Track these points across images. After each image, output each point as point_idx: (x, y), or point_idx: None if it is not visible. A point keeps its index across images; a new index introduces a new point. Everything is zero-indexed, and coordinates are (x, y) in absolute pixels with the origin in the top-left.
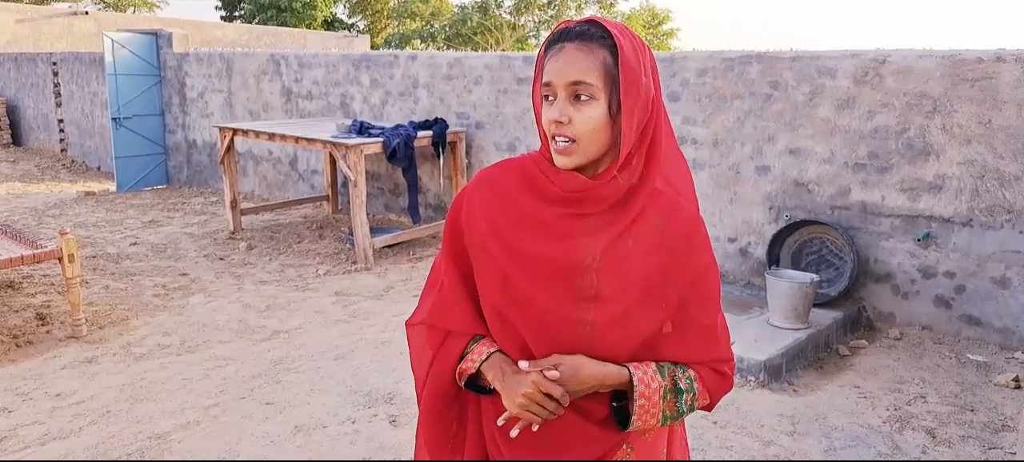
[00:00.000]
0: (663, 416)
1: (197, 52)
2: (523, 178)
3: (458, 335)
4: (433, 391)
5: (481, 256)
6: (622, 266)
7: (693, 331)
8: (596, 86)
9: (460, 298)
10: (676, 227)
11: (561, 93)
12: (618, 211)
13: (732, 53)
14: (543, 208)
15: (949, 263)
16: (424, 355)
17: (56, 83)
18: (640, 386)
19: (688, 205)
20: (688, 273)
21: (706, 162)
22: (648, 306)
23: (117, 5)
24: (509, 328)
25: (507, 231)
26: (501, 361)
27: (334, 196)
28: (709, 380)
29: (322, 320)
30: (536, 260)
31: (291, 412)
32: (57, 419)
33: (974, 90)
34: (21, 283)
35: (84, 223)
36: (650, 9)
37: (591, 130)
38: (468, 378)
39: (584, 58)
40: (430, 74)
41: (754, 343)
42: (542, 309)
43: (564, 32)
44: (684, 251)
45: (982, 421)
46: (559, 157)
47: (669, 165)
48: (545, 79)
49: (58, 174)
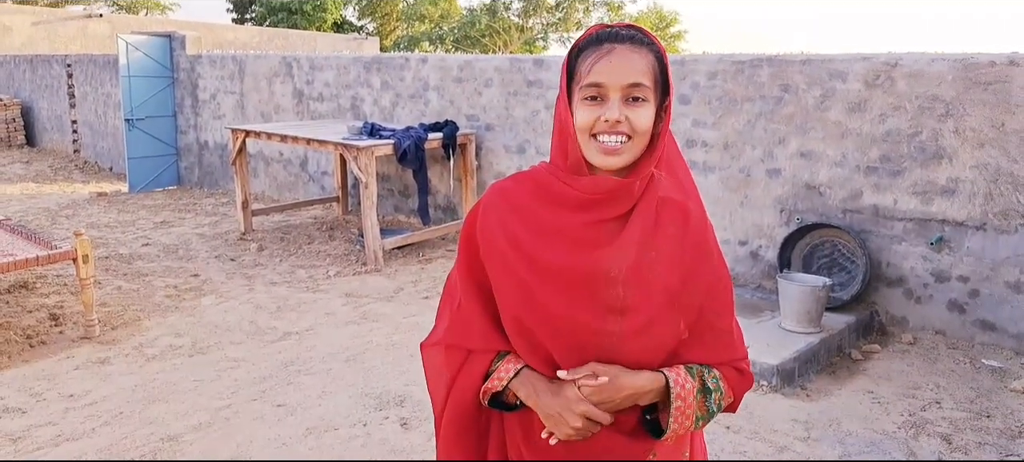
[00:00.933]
0: (696, 418)
1: (210, 54)
2: (539, 189)
3: (481, 353)
4: (456, 412)
5: (500, 270)
6: (647, 278)
7: (712, 335)
8: (649, 88)
9: (479, 315)
10: (691, 235)
11: (615, 94)
12: (633, 219)
13: (742, 56)
14: (564, 217)
15: (963, 267)
16: (443, 376)
17: (70, 85)
18: (676, 388)
19: (697, 211)
20: (705, 280)
21: (716, 165)
22: (670, 316)
23: (130, 8)
24: (533, 341)
25: (527, 243)
26: (532, 378)
27: (344, 197)
28: (732, 378)
29: (333, 322)
30: (561, 272)
31: (302, 414)
32: (70, 420)
33: (987, 93)
34: (35, 283)
35: (96, 224)
36: (657, 11)
37: (644, 130)
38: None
39: (640, 60)
40: (440, 76)
41: (766, 347)
42: (567, 321)
43: (611, 34)
44: (700, 259)
45: (998, 427)
46: (606, 157)
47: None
48: (593, 79)
49: (71, 175)
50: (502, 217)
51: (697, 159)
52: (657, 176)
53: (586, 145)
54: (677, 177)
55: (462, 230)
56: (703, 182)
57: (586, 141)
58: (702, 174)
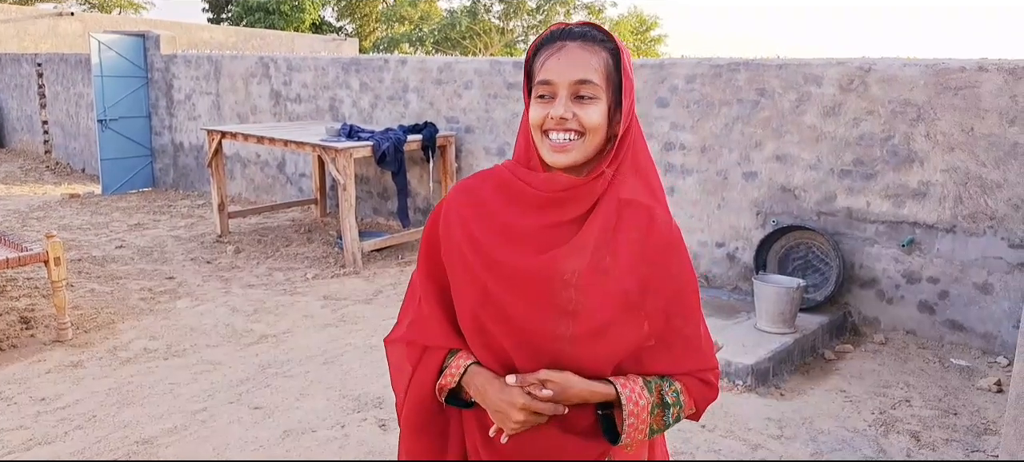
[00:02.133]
0: (650, 430)
1: (185, 54)
2: (500, 187)
3: (436, 349)
4: (413, 407)
5: (459, 269)
6: (601, 282)
7: (678, 342)
8: (599, 86)
9: (437, 312)
10: (654, 239)
11: (563, 91)
12: (593, 220)
13: (720, 60)
14: (522, 217)
15: (933, 269)
16: (403, 372)
17: (41, 84)
18: (628, 404)
19: (663, 214)
20: (669, 284)
21: (694, 167)
22: (627, 320)
23: (103, 6)
24: (490, 342)
25: (485, 243)
26: (481, 374)
27: (322, 199)
28: (695, 390)
29: (310, 324)
30: (517, 272)
31: (280, 417)
32: (42, 424)
33: (957, 98)
34: (5, 286)
35: (69, 226)
36: (638, 15)
37: (594, 127)
38: (449, 393)
39: (589, 57)
40: (420, 78)
41: (742, 347)
42: (521, 320)
43: (564, 32)
44: (664, 263)
45: (965, 424)
46: (555, 155)
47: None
48: (543, 77)
49: (42, 176)
50: (463, 216)
51: (675, 162)
52: (620, 177)
53: (540, 143)
54: (645, 179)
55: (424, 229)
56: (681, 185)
57: (540, 139)
58: (680, 177)
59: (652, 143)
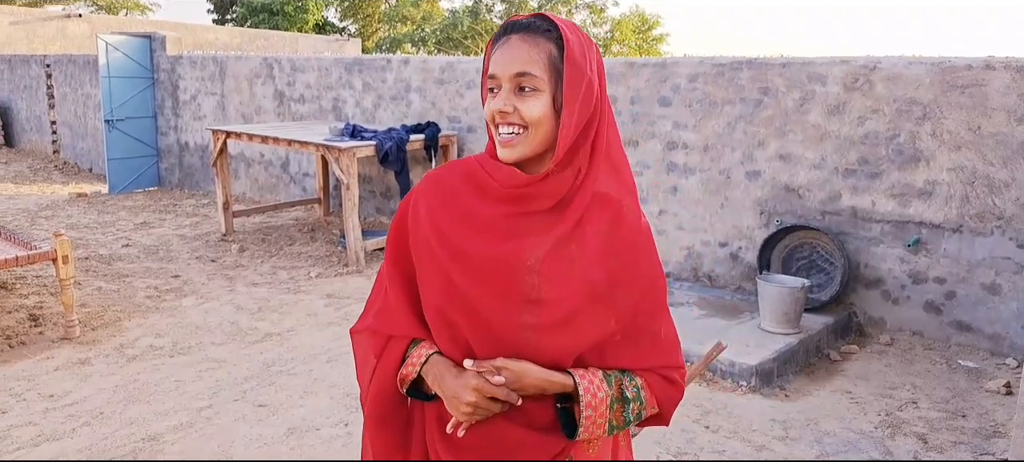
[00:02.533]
0: (609, 426)
1: (190, 55)
2: (467, 177)
3: (399, 339)
4: (376, 397)
5: (425, 258)
6: (565, 270)
7: (642, 338)
8: (540, 78)
9: (403, 302)
10: (622, 233)
11: (505, 84)
12: (561, 212)
13: (723, 59)
14: (486, 207)
15: (939, 269)
16: (367, 362)
17: (49, 85)
18: (586, 396)
19: (633, 208)
20: (636, 280)
21: (697, 167)
22: (593, 311)
23: (110, 8)
24: (455, 333)
25: (449, 232)
26: (440, 363)
27: (326, 199)
28: (658, 388)
29: (314, 323)
30: (478, 260)
31: (284, 414)
32: (50, 420)
33: (964, 97)
34: (14, 284)
35: (76, 225)
36: (640, 14)
37: (534, 122)
38: (411, 385)
39: (528, 50)
40: (422, 78)
41: (745, 348)
42: (486, 311)
43: (510, 25)
44: (631, 258)
45: (973, 427)
46: (503, 150)
47: (613, 167)
48: (490, 70)
49: (50, 175)
50: (431, 206)
51: (678, 161)
52: (595, 169)
53: (495, 136)
54: (618, 173)
55: (394, 218)
56: (684, 184)
57: (493, 133)
58: (683, 176)
59: (655, 142)
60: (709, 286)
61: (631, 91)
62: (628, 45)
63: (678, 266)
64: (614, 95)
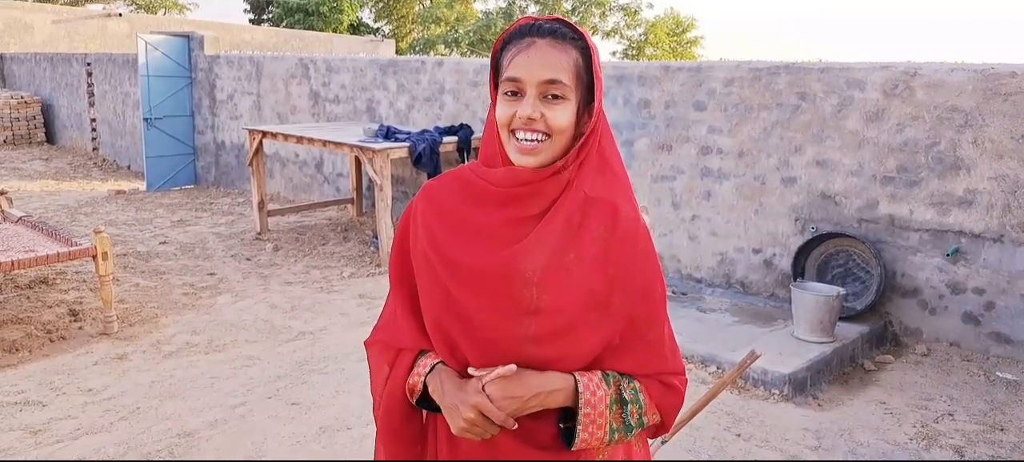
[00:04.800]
0: (610, 429)
1: (227, 55)
2: (462, 187)
3: (408, 351)
4: (388, 409)
5: (423, 272)
6: (563, 279)
7: (640, 344)
8: (569, 86)
9: (408, 314)
10: (619, 236)
11: (532, 90)
12: (556, 217)
13: (760, 63)
14: (482, 216)
15: (978, 279)
16: (381, 373)
17: (90, 83)
18: (586, 393)
19: (630, 211)
20: (635, 285)
21: (731, 172)
22: (592, 320)
23: (149, 7)
24: (453, 345)
25: (447, 244)
26: (443, 373)
27: (359, 199)
28: (656, 393)
29: (346, 322)
30: (476, 272)
31: (316, 413)
32: (89, 414)
33: (1007, 105)
34: (55, 279)
35: (115, 221)
36: (674, 17)
37: (562, 129)
38: (420, 395)
39: (558, 56)
40: (456, 80)
41: (779, 356)
42: (483, 323)
43: (533, 27)
44: (629, 262)
45: (1012, 441)
46: (523, 156)
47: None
48: (512, 74)
49: (90, 172)
50: (427, 218)
51: (712, 166)
52: (584, 174)
53: (507, 142)
54: (612, 176)
55: (396, 230)
56: (717, 189)
57: (507, 138)
58: (717, 181)
59: (688, 147)
60: (742, 293)
61: (666, 95)
62: (662, 48)
63: (711, 272)
64: (648, 98)
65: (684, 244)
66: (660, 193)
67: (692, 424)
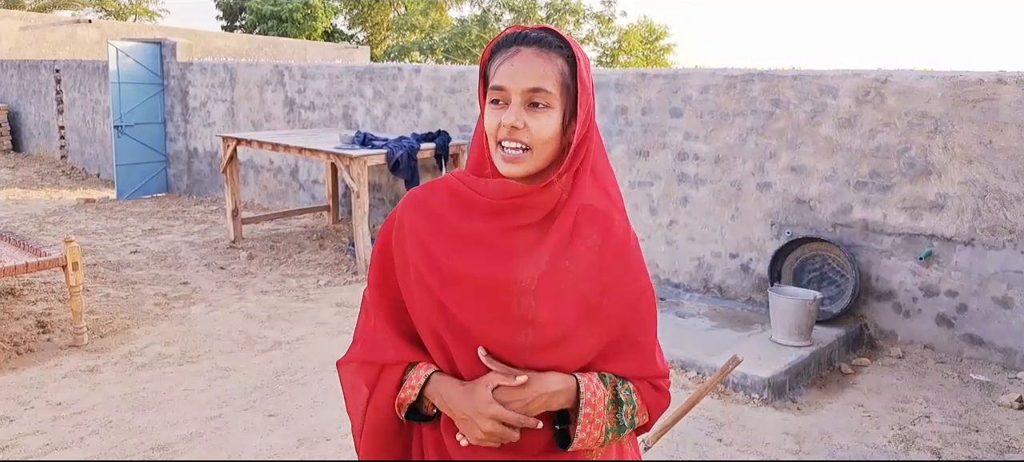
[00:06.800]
0: (606, 429)
1: (201, 62)
2: (452, 197)
3: (393, 365)
4: (374, 429)
5: (414, 282)
6: (560, 288)
7: (632, 350)
8: (554, 95)
9: (391, 328)
10: (613, 245)
11: (516, 99)
12: (550, 226)
13: (734, 70)
14: (475, 225)
15: (951, 282)
16: (359, 393)
17: (58, 90)
18: (586, 394)
19: (622, 220)
20: (628, 293)
21: (708, 178)
22: (587, 327)
23: (119, 14)
24: (449, 354)
25: (438, 254)
26: (445, 382)
27: (335, 206)
28: (647, 394)
29: (324, 331)
30: (472, 282)
31: (294, 424)
32: (59, 428)
33: (975, 111)
34: (22, 290)
35: (84, 230)
36: (647, 25)
37: (546, 139)
38: (408, 408)
39: (543, 65)
40: (433, 87)
41: (757, 360)
42: (481, 335)
43: (519, 36)
44: (622, 269)
45: (987, 442)
46: (507, 165)
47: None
48: (497, 82)
49: (58, 181)
50: (415, 227)
51: (689, 172)
52: (579, 184)
53: (494, 151)
54: (603, 185)
55: (376, 241)
56: (694, 195)
57: (494, 147)
58: (693, 187)
59: (665, 153)
60: (720, 297)
61: (642, 102)
62: (635, 55)
63: (688, 277)
64: (625, 105)
65: (662, 249)
66: (637, 199)
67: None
